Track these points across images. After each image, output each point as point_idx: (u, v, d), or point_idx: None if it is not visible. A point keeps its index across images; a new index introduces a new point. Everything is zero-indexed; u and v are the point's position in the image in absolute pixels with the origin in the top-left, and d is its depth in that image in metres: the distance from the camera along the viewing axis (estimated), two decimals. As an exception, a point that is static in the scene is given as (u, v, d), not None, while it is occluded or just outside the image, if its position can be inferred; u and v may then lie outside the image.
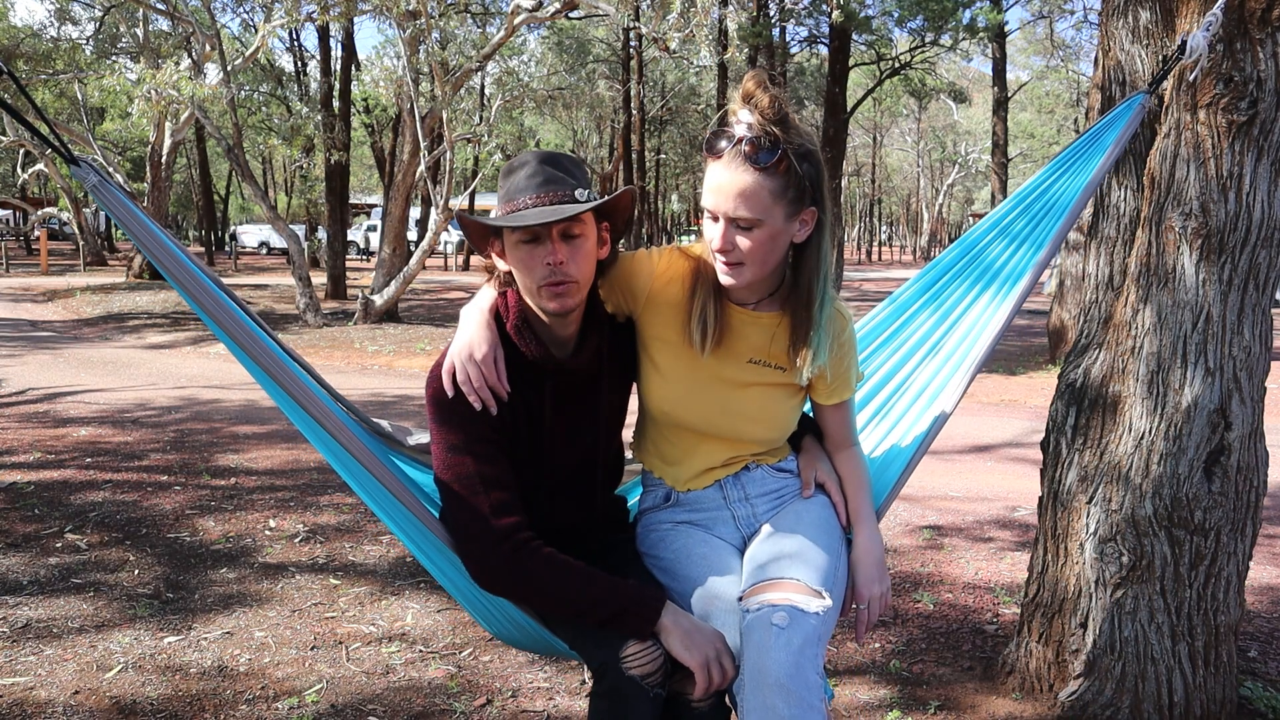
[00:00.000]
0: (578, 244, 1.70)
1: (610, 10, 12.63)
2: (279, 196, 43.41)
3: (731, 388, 1.84)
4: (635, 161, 27.09)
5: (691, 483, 1.92)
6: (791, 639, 1.59)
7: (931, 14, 17.89)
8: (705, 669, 1.65)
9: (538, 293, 1.71)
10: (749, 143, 1.63)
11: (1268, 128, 2.34)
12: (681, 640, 1.67)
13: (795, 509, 1.89)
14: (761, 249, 1.69)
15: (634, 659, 1.65)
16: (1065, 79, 37.58)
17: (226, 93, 13.90)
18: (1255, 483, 2.52)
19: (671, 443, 1.93)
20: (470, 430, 1.72)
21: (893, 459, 2.15)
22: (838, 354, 1.85)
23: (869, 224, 57.94)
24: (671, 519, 1.95)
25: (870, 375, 2.34)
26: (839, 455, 1.98)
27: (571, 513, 1.91)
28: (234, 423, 6.93)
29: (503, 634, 1.96)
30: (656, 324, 1.85)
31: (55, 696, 2.73)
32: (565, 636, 1.78)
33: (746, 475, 1.92)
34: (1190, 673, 2.53)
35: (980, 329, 2.22)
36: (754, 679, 1.59)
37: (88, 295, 18.43)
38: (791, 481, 1.95)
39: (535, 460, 1.83)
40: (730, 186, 1.65)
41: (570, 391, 1.83)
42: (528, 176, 1.70)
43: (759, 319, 1.83)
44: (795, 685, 1.56)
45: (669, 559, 1.87)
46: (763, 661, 1.59)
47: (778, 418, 1.90)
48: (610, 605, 1.68)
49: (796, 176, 1.66)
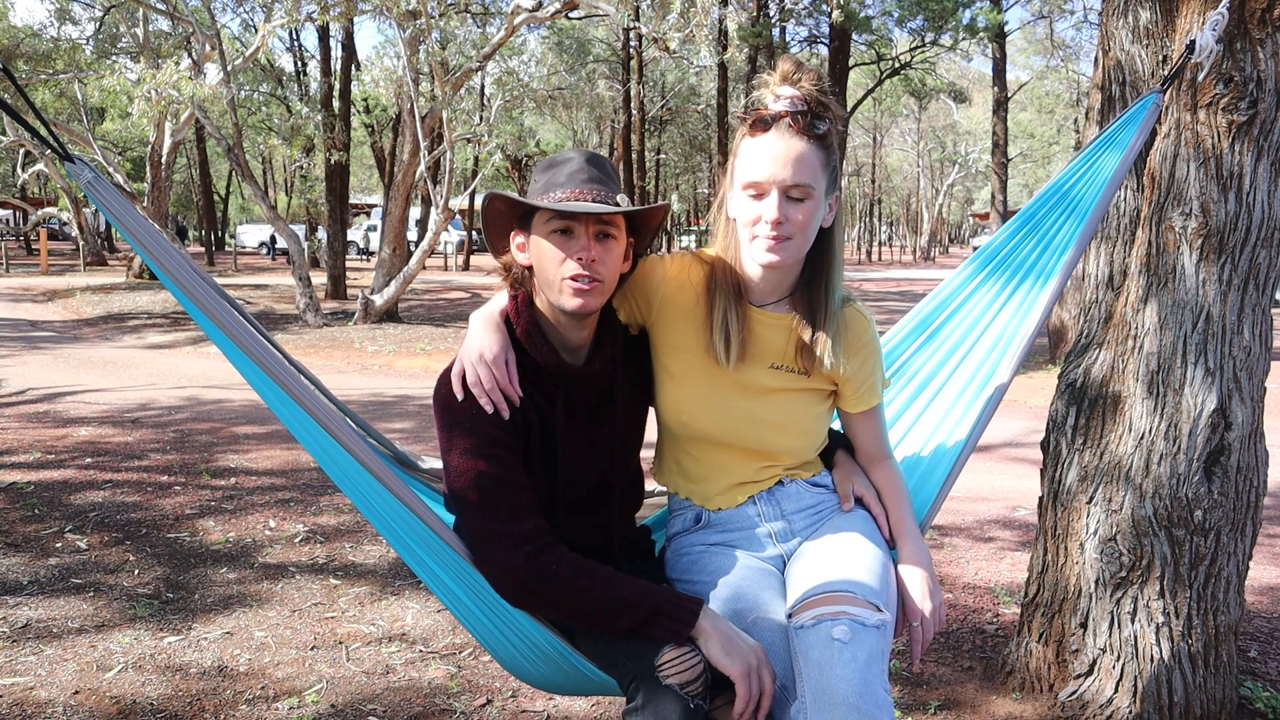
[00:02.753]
0: (609, 245, 1.66)
1: (610, 10, 12.63)
2: (279, 196, 43.42)
3: (753, 394, 1.78)
4: (635, 161, 27.08)
5: (721, 499, 1.83)
6: (857, 654, 1.48)
7: (931, 14, 17.90)
8: (747, 678, 1.53)
9: (559, 287, 1.65)
10: (803, 111, 1.63)
11: (1268, 128, 2.34)
12: (722, 645, 1.54)
13: (836, 523, 1.81)
14: (809, 223, 1.67)
15: (671, 665, 1.53)
16: (1065, 79, 37.60)
17: (226, 93, 13.91)
18: (1255, 483, 2.52)
19: (694, 458, 1.85)
20: (483, 434, 1.64)
21: (934, 468, 2.08)
22: (860, 355, 1.79)
23: (869, 224, 57.92)
24: (704, 541, 1.84)
25: (904, 386, 2.28)
26: (874, 469, 1.90)
27: (587, 535, 1.80)
28: (234, 423, 6.93)
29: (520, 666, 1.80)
30: (670, 330, 1.80)
31: (55, 696, 2.73)
32: (593, 652, 1.66)
33: (781, 490, 1.83)
34: (1190, 673, 2.53)
35: (1012, 333, 2.18)
36: (819, 699, 1.46)
37: (88, 295, 18.44)
38: (829, 496, 1.87)
39: (548, 474, 1.75)
40: (785, 154, 1.63)
41: (583, 401, 1.77)
42: (572, 172, 1.68)
43: (778, 321, 1.78)
44: (866, 704, 1.44)
45: (704, 581, 1.76)
46: (828, 680, 1.46)
47: (805, 426, 1.82)
48: (643, 608, 1.56)
49: (835, 154, 1.69)
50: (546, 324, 1.73)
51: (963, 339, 2.28)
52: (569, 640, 1.68)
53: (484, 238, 1.78)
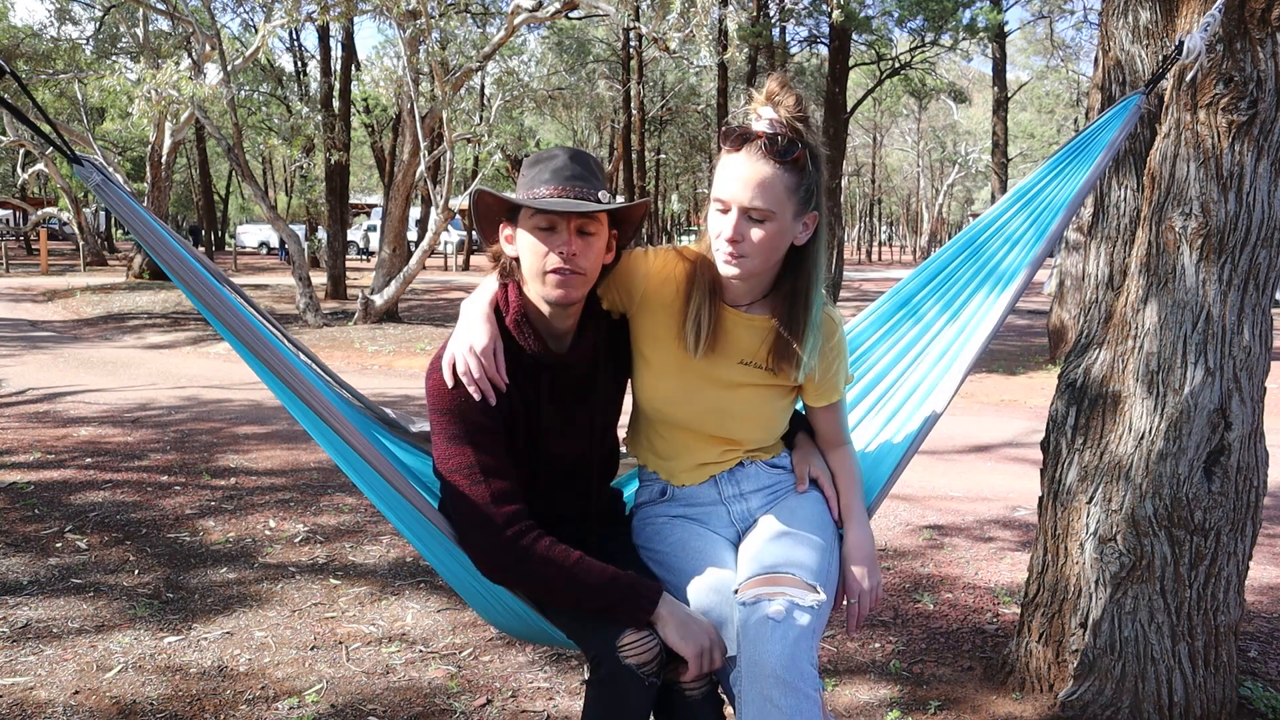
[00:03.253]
0: (590, 240, 1.75)
1: (610, 10, 12.63)
2: (279, 196, 43.43)
3: (722, 388, 1.88)
4: (635, 161, 27.07)
5: (686, 476, 1.96)
6: (787, 632, 1.64)
7: (931, 14, 17.89)
8: (699, 659, 1.71)
9: (543, 279, 1.74)
10: (773, 136, 1.69)
11: (1268, 128, 2.34)
12: (677, 630, 1.72)
13: (789, 504, 1.93)
14: (768, 243, 1.73)
15: (630, 648, 1.69)
16: (1065, 79, 37.59)
17: (226, 93, 13.91)
18: (1255, 483, 2.52)
19: (664, 438, 1.97)
20: (470, 421, 1.75)
21: (884, 456, 2.18)
22: (827, 358, 1.89)
23: (869, 224, 57.94)
24: (667, 513, 1.99)
25: (864, 373, 2.36)
26: (831, 454, 2.02)
27: (568, 505, 1.95)
28: (234, 423, 6.93)
29: (500, 622, 2.00)
30: (650, 322, 1.89)
31: (55, 696, 2.73)
32: (563, 625, 1.81)
33: (741, 471, 1.96)
34: (1190, 673, 2.53)
35: (974, 328, 2.24)
36: (751, 671, 1.64)
37: (88, 295, 18.44)
38: (785, 477, 1.99)
39: (532, 453, 1.87)
40: (749, 176, 1.69)
41: (567, 386, 1.87)
42: (556, 169, 1.76)
43: (751, 321, 1.87)
44: (791, 676, 1.61)
45: (665, 552, 1.92)
46: (759, 654, 1.63)
47: (767, 418, 1.94)
48: (608, 594, 1.72)
49: (809, 177, 1.73)
50: (534, 312, 1.82)
51: (926, 329, 2.34)
52: (541, 612, 1.83)
53: (475, 227, 1.86)
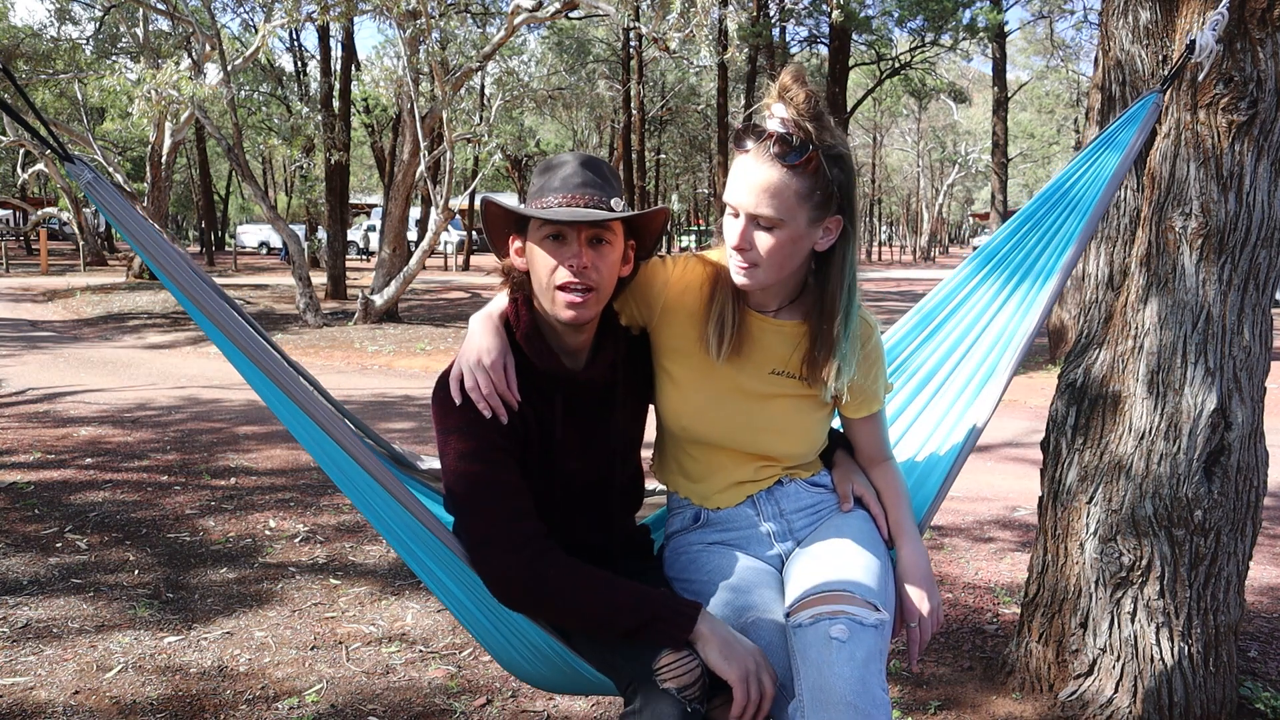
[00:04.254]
0: (604, 251, 1.63)
1: (610, 10, 12.63)
2: (279, 196, 43.41)
3: (753, 400, 1.76)
4: (635, 161, 27.08)
5: (720, 498, 1.82)
6: (854, 653, 1.48)
7: (931, 14, 17.90)
8: (745, 683, 1.51)
9: (552, 296, 1.63)
10: (779, 138, 1.57)
11: (1268, 128, 2.34)
12: (720, 650, 1.53)
13: (835, 523, 1.79)
14: (780, 251, 1.62)
15: (669, 670, 1.51)
16: (1065, 79, 37.60)
17: (226, 93, 13.91)
18: (1255, 483, 2.52)
19: (694, 458, 1.83)
20: (481, 438, 1.63)
21: (931, 470, 2.07)
22: (864, 365, 1.76)
23: (869, 224, 57.87)
24: (702, 540, 1.83)
25: (903, 385, 2.27)
26: (874, 470, 1.88)
27: (588, 534, 1.80)
28: (234, 423, 6.93)
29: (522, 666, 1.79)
30: (672, 334, 1.78)
31: (55, 696, 2.73)
32: (590, 654, 1.65)
33: (780, 490, 1.82)
34: (1190, 673, 2.53)
35: (1012, 332, 2.18)
36: (816, 699, 1.46)
37: (87, 295, 18.44)
38: (828, 496, 1.85)
39: (546, 475, 1.74)
40: (755, 182, 1.58)
41: (582, 404, 1.75)
42: (566, 176, 1.64)
43: (781, 328, 1.76)
44: (864, 703, 1.44)
45: (702, 581, 1.75)
46: (825, 679, 1.46)
47: (805, 431, 1.80)
48: (641, 612, 1.55)
49: (825, 180, 1.59)
50: (546, 328, 1.72)
51: (963, 337, 2.28)
52: (567, 642, 1.67)
53: (486, 239, 1.76)
